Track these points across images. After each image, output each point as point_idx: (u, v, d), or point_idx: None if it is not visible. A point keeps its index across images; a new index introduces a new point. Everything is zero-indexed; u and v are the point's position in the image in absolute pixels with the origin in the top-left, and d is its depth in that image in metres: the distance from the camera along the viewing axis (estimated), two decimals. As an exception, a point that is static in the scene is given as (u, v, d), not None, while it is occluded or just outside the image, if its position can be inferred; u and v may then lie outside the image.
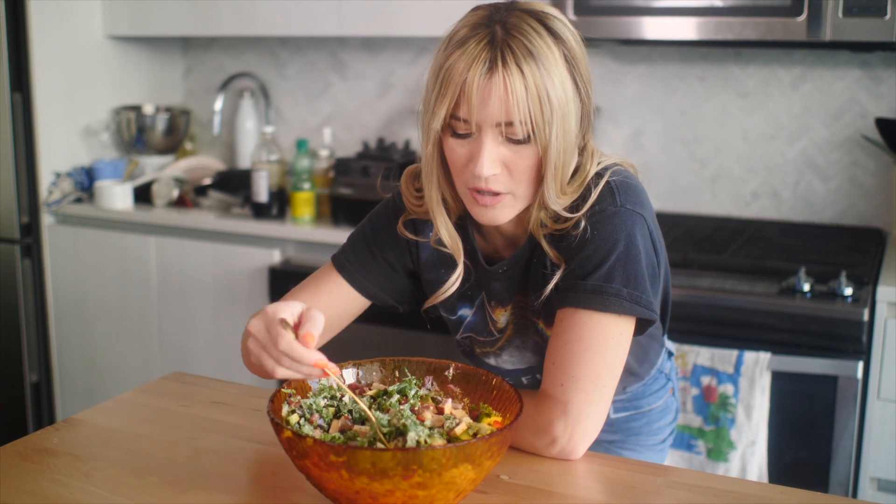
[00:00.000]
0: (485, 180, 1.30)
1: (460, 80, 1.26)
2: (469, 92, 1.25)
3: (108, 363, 3.33)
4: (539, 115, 1.26)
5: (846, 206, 2.84)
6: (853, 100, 2.78)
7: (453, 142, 1.32)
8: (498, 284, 1.48)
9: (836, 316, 2.22)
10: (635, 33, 2.59)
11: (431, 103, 1.30)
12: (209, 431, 1.42)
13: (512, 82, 1.24)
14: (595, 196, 1.34)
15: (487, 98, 1.25)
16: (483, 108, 1.25)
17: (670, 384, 1.68)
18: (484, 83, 1.25)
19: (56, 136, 3.31)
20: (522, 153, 1.29)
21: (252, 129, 3.55)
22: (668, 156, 3.02)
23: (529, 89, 1.25)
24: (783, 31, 2.41)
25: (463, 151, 1.31)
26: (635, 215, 1.34)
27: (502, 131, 1.28)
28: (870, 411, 2.25)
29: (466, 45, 1.27)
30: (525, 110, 1.25)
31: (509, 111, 1.25)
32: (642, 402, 1.63)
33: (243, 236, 3.04)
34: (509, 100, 1.24)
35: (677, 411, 1.73)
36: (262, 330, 1.18)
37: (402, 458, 1.04)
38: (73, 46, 3.34)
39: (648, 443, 1.67)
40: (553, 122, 1.27)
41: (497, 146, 1.29)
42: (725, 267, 2.43)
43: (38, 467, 1.29)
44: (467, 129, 1.28)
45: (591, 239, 1.33)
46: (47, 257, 3.34)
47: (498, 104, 1.25)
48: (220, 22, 3.21)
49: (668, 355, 1.67)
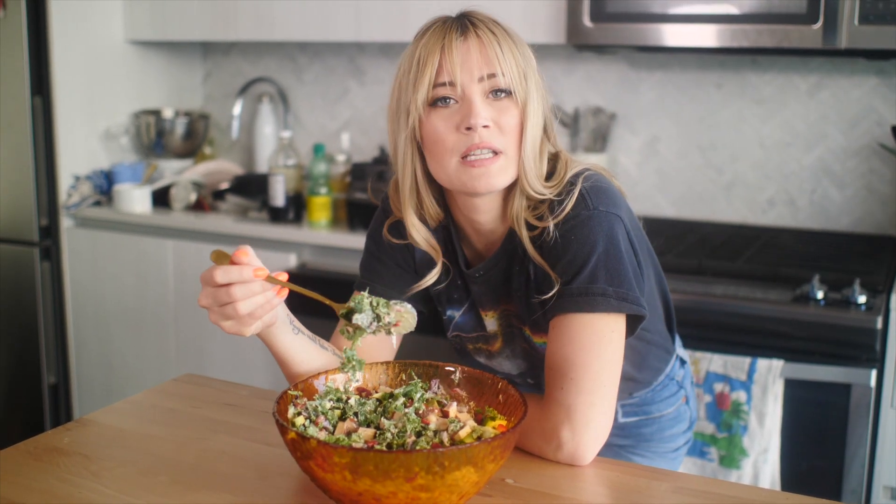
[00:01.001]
0: (479, 136, 1.34)
1: (438, 49, 1.35)
2: (448, 54, 1.34)
3: (125, 365, 3.36)
4: (515, 67, 1.35)
5: (862, 214, 2.83)
6: (870, 107, 2.77)
7: (437, 116, 1.36)
8: (477, 288, 1.51)
9: (849, 324, 2.21)
10: (652, 40, 2.59)
11: (411, 84, 1.37)
12: (218, 433, 1.43)
13: (486, 39, 1.36)
14: (570, 204, 1.36)
15: (468, 54, 1.35)
16: (466, 64, 1.34)
17: (683, 392, 1.67)
18: (461, 44, 1.35)
19: (76, 140, 3.34)
20: (506, 110, 1.36)
21: (270, 134, 3.57)
22: (684, 162, 3.02)
23: (503, 44, 1.36)
24: (799, 39, 2.41)
25: (449, 122, 1.36)
26: (610, 216, 1.36)
27: (486, 88, 1.35)
28: (883, 420, 2.24)
29: (432, 27, 1.39)
30: (503, 60, 1.34)
31: (490, 62, 1.34)
32: (651, 407, 1.63)
33: (260, 240, 3.05)
34: (488, 52, 1.35)
35: (693, 421, 1.72)
36: (204, 292, 1.21)
37: (404, 461, 1.05)
38: (94, 50, 3.37)
39: (660, 450, 1.66)
40: (529, 77, 1.37)
41: (485, 103, 1.35)
42: (739, 274, 2.42)
43: (48, 466, 1.31)
44: (453, 92, 1.35)
45: (570, 245, 1.35)
46: (66, 260, 3.37)
47: (478, 57, 1.35)
48: (239, 27, 3.24)
49: (680, 363, 1.67)
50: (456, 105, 1.35)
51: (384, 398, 1.27)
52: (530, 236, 1.40)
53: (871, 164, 2.79)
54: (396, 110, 1.40)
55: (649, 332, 1.52)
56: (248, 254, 1.19)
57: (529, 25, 2.76)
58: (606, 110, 3.06)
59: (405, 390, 1.27)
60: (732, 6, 2.47)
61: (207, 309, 1.22)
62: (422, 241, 1.47)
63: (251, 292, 1.19)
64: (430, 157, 1.39)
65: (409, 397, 1.26)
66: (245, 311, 1.20)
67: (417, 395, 1.26)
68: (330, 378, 1.30)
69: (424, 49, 1.36)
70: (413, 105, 1.36)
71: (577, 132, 3.06)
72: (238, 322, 1.22)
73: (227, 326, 1.22)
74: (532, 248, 1.40)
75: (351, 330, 1.27)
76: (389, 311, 1.27)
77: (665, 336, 1.60)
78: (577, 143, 3.06)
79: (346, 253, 2.89)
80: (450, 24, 1.37)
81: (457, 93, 1.35)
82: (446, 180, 1.40)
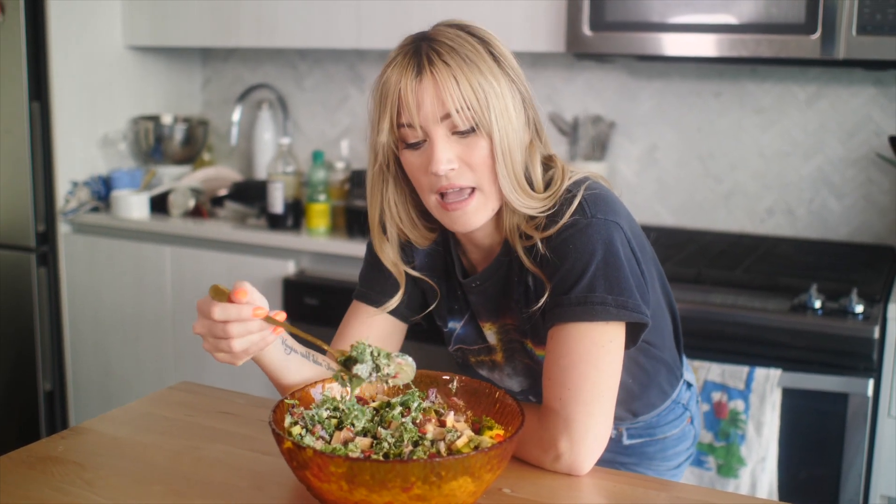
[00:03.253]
0: (445, 177, 1.33)
1: (395, 90, 1.33)
2: (405, 97, 1.32)
3: (122, 372, 3.35)
4: (474, 100, 1.32)
5: (860, 224, 2.83)
6: (868, 117, 2.77)
7: (409, 155, 1.37)
8: (475, 298, 1.50)
9: (847, 333, 2.21)
10: (651, 49, 2.59)
11: (375, 121, 1.37)
12: (214, 441, 1.42)
13: (441, 77, 1.31)
14: (569, 213, 1.35)
15: (422, 97, 1.32)
16: (421, 108, 1.32)
17: (688, 413, 1.66)
18: (415, 86, 1.32)
19: (74, 145, 3.34)
20: (473, 145, 1.34)
21: (269, 141, 3.56)
22: (683, 171, 3.02)
23: (459, 79, 1.31)
24: (797, 49, 2.41)
25: (420, 161, 1.36)
26: (609, 223, 1.35)
27: (449, 127, 1.33)
28: (880, 429, 2.24)
29: (395, 60, 1.35)
30: (459, 98, 1.31)
31: (444, 103, 1.31)
32: (657, 430, 1.62)
33: (259, 247, 3.05)
34: (442, 93, 1.31)
35: (695, 438, 1.71)
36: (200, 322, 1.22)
37: (401, 470, 1.04)
38: (93, 56, 3.37)
39: (662, 468, 1.65)
40: (490, 107, 1.32)
41: (449, 143, 1.34)
42: (738, 283, 2.42)
43: (42, 475, 1.30)
44: (415, 135, 1.34)
45: (569, 254, 1.34)
46: (63, 266, 3.36)
47: (432, 100, 1.31)
48: (239, 33, 3.24)
49: (686, 386, 1.66)
50: (424, 145, 1.35)
51: (381, 407, 1.27)
52: (527, 246, 1.39)
53: (870, 174, 2.79)
54: (370, 132, 1.41)
55: (657, 348, 1.51)
56: (248, 293, 1.20)
57: (530, 34, 2.76)
58: (606, 119, 3.06)
59: (402, 399, 1.27)
60: (731, 16, 2.47)
61: (202, 337, 1.23)
62: (390, 265, 1.48)
63: (247, 331, 1.21)
64: (417, 188, 1.41)
65: (406, 406, 1.25)
66: (240, 349, 1.22)
67: (415, 404, 1.25)
68: (327, 387, 1.29)
69: (384, 86, 1.35)
70: (379, 144, 1.38)
71: (577, 140, 3.06)
72: (231, 356, 1.24)
73: (220, 357, 1.25)
74: (527, 259, 1.39)
75: (346, 377, 1.25)
76: (390, 363, 1.25)
77: (673, 354, 1.58)
78: (577, 152, 3.06)
79: (345, 260, 2.89)
80: (408, 59, 1.34)
81: (419, 134, 1.34)
82: (432, 212, 1.41)
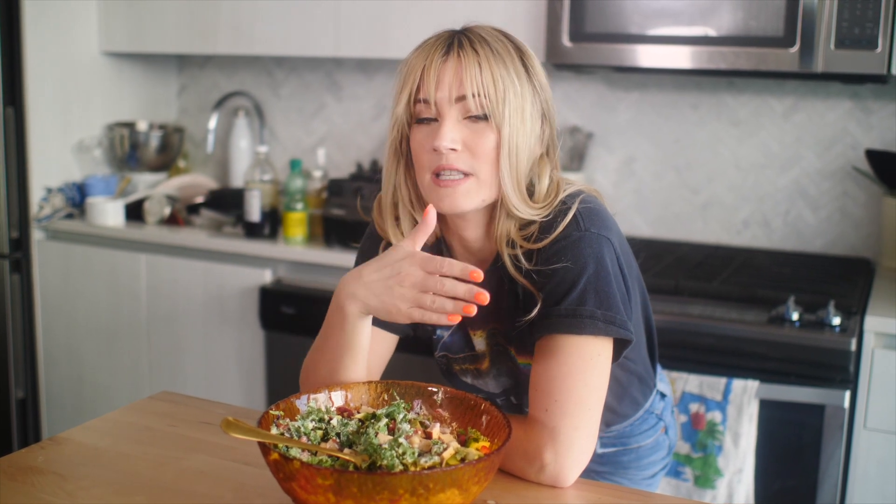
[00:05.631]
0: (445, 156, 1.35)
1: (419, 65, 1.36)
2: (427, 73, 1.35)
3: (95, 381, 3.32)
4: (493, 91, 1.34)
5: (836, 236, 2.85)
6: (844, 130, 2.80)
7: (417, 131, 1.39)
8: None
9: (824, 345, 2.22)
10: (629, 61, 2.61)
11: (395, 96, 1.40)
12: (196, 452, 1.41)
13: (466, 60, 1.35)
14: (563, 224, 1.36)
15: (443, 75, 1.35)
16: (440, 85, 1.35)
17: (662, 424, 1.68)
18: (440, 64, 1.36)
19: (48, 152, 3.30)
20: (481, 133, 1.36)
21: (246, 148, 3.55)
22: (660, 183, 3.04)
23: (483, 66, 1.35)
24: (776, 62, 2.43)
25: (425, 137, 1.37)
26: (601, 238, 1.36)
27: (461, 111, 1.35)
28: (856, 441, 2.25)
29: (427, 42, 1.40)
30: (478, 84, 1.34)
31: (462, 84, 1.34)
32: (630, 440, 1.63)
33: (235, 255, 3.03)
34: (463, 74, 1.34)
35: (671, 448, 1.72)
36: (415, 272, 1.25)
37: (388, 483, 1.04)
38: (68, 61, 3.34)
39: (637, 477, 1.67)
40: (506, 102, 1.35)
41: (457, 126, 1.36)
42: (715, 294, 2.43)
43: (22, 486, 1.28)
44: (428, 111, 1.36)
45: (560, 265, 1.34)
46: (36, 273, 3.33)
47: (451, 79, 1.35)
48: (216, 40, 3.22)
49: (660, 396, 1.67)
50: (435, 123, 1.37)
51: (366, 418, 1.26)
52: (514, 255, 1.39)
53: (845, 187, 2.82)
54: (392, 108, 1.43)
55: (632, 361, 1.52)
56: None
57: (508, 44, 2.76)
58: (583, 129, 3.07)
59: (388, 411, 1.26)
60: (710, 28, 2.49)
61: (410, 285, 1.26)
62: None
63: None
64: (415, 169, 1.42)
65: (391, 418, 1.24)
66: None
67: (400, 415, 1.25)
68: (312, 398, 1.28)
69: (411, 64, 1.38)
70: (395, 117, 1.40)
71: (554, 151, 3.06)
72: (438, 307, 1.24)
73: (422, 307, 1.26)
74: (514, 270, 1.39)
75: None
76: None
77: (647, 366, 1.59)
78: (554, 162, 3.06)
79: (322, 269, 2.88)
80: (441, 42, 1.38)
81: (432, 111, 1.36)
82: (425, 196, 1.41)
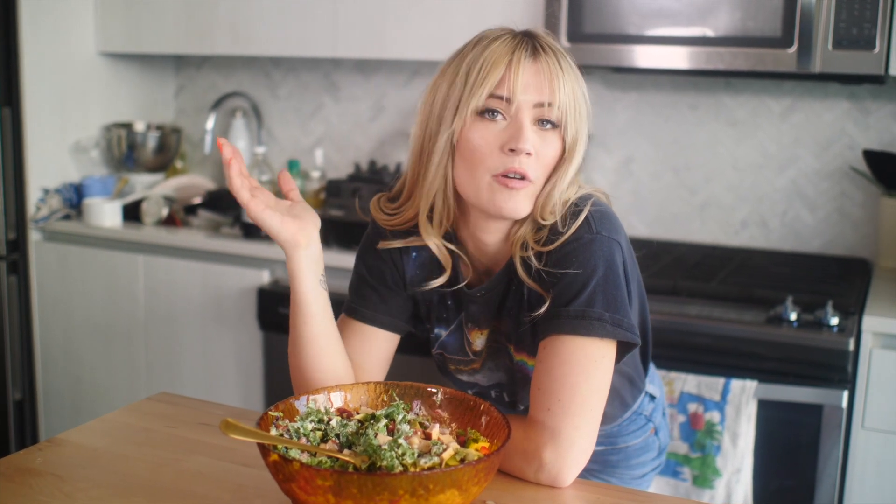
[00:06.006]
0: (519, 161, 1.33)
1: (505, 60, 1.33)
2: (516, 70, 1.32)
3: (93, 382, 3.31)
4: (572, 104, 1.34)
5: (833, 236, 2.85)
6: (842, 131, 2.80)
7: (480, 126, 1.34)
8: (475, 307, 1.50)
9: (822, 345, 2.22)
10: (627, 61, 2.61)
11: (468, 86, 1.34)
12: (195, 453, 1.41)
13: (554, 68, 1.34)
14: (575, 226, 1.36)
15: (534, 76, 1.33)
16: (528, 86, 1.33)
17: (651, 425, 1.68)
18: (530, 64, 1.34)
19: (45, 152, 3.30)
20: (549, 141, 1.35)
21: (243, 149, 3.54)
22: (658, 183, 3.04)
23: (567, 79, 1.34)
24: (774, 62, 2.43)
25: (494, 135, 1.34)
26: (612, 242, 1.36)
27: (536, 115, 1.34)
28: (854, 440, 2.25)
29: (502, 39, 1.35)
30: (564, 95, 1.33)
31: (553, 92, 1.33)
32: (618, 439, 1.64)
33: (232, 256, 3.03)
34: (554, 82, 1.33)
35: (661, 450, 1.73)
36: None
37: (388, 484, 1.03)
38: (65, 62, 3.34)
39: (626, 476, 1.68)
40: (581, 119, 1.36)
41: (531, 129, 1.34)
42: (714, 295, 2.43)
43: (21, 488, 1.28)
44: (506, 108, 1.34)
45: (571, 266, 1.35)
46: (34, 274, 3.32)
47: (543, 84, 1.33)
48: (214, 41, 3.22)
49: (649, 398, 1.68)
50: (504, 122, 1.34)
51: (366, 419, 1.26)
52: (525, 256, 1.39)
53: (843, 187, 2.82)
54: (441, 107, 1.37)
55: (624, 364, 1.51)
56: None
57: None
58: (581, 130, 3.06)
59: (387, 412, 1.26)
60: (708, 29, 2.49)
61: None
62: (433, 246, 1.45)
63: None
64: (462, 165, 1.37)
65: (391, 419, 1.24)
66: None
67: (399, 416, 1.24)
68: (311, 399, 1.28)
69: (491, 55, 1.33)
70: (463, 107, 1.34)
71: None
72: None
73: None
74: (524, 272, 1.39)
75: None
76: None
77: (638, 369, 1.60)
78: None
79: (320, 270, 2.87)
80: (519, 40, 1.35)
81: (509, 110, 1.33)
82: (473, 194, 1.38)
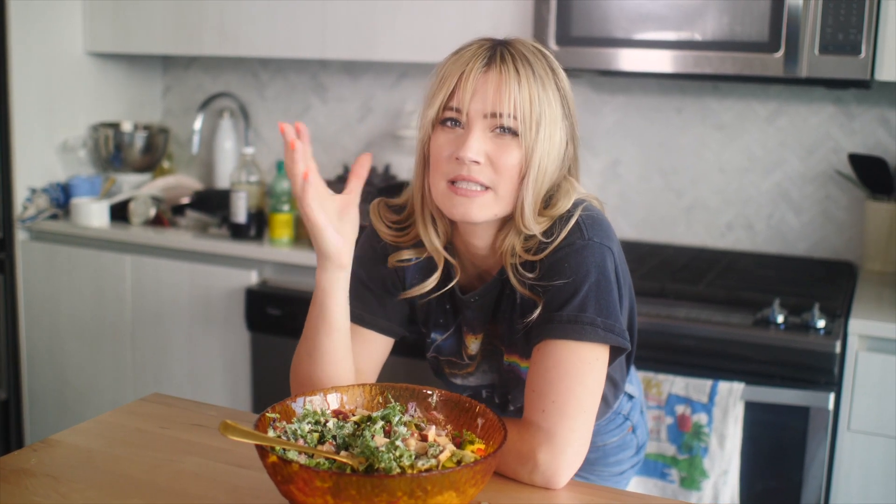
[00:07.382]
0: (467, 167, 1.35)
1: (458, 73, 1.36)
2: (464, 81, 1.35)
3: (80, 382, 3.30)
4: (528, 113, 1.34)
5: (819, 239, 2.88)
6: (827, 135, 2.83)
7: (440, 134, 1.38)
8: (470, 313, 1.52)
9: (808, 348, 2.24)
10: (615, 65, 2.62)
11: (429, 98, 1.39)
12: (189, 454, 1.41)
13: (507, 77, 1.34)
14: (566, 232, 1.38)
15: (481, 87, 1.35)
16: (475, 96, 1.35)
17: (628, 423, 1.71)
18: (480, 75, 1.36)
19: (32, 152, 3.29)
20: (507, 149, 1.36)
21: (231, 150, 3.54)
22: (645, 185, 3.05)
23: (522, 87, 1.34)
24: (760, 67, 2.45)
25: (448, 143, 1.37)
26: (604, 248, 1.38)
27: (491, 125, 1.35)
28: (840, 442, 2.28)
29: (468, 48, 1.39)
30: (515, 104, 1.34)
31: (500, 102, 1.34)
32: (596, 438, 1.66)
33: (220, 257, 3.03)
34: (502, 92, 1.34)
35: (640, 448, 1.75)
36: None
37: (387, 485, 1.04)
38: (52, 62, 3.33)
39: (605, 473, 1.71)
40: (541, 126, 1.35)
41: (484, 138, 1.36)
42: (701, 297, 2.45)
43: (15, 488, 1.28)
44: (458, 117, 1.36)
45: (563, 272, 1.37)
46: (20, 273, 3.31)
47: (490, 94, 1.34)
48: (202, 41, 3.22)
49: (627, 398, 1.70)
50: (460, 130, 1.37)
51: (362, 421, 1.27)
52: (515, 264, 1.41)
53: (828, 191, 2.85)
54: (421, 117, 1.43)
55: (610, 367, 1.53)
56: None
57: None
58: (569, 132, 3.08)
59: (383, 413, 1.26)
60: (695, 33, 2.51)
61: None
62: (430, 248, 1.48)
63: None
64: (429, 172, 1.42)
65: (387, 420, 1.25)
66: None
67: (395, 418, 1.25)
68: (308, 401, 1.29)
69: (451, 67, 1.38)
70: (425, 119, 1.40)
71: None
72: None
73: None
74: (517, 281, 1.41)
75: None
76: None
77: (623, 371, 1.62)
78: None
79: (308, 270, 2.88)
80: (481, 52, 1.37)
81: (462, 119, 1.36)
82: (437, 199, 1.41)
